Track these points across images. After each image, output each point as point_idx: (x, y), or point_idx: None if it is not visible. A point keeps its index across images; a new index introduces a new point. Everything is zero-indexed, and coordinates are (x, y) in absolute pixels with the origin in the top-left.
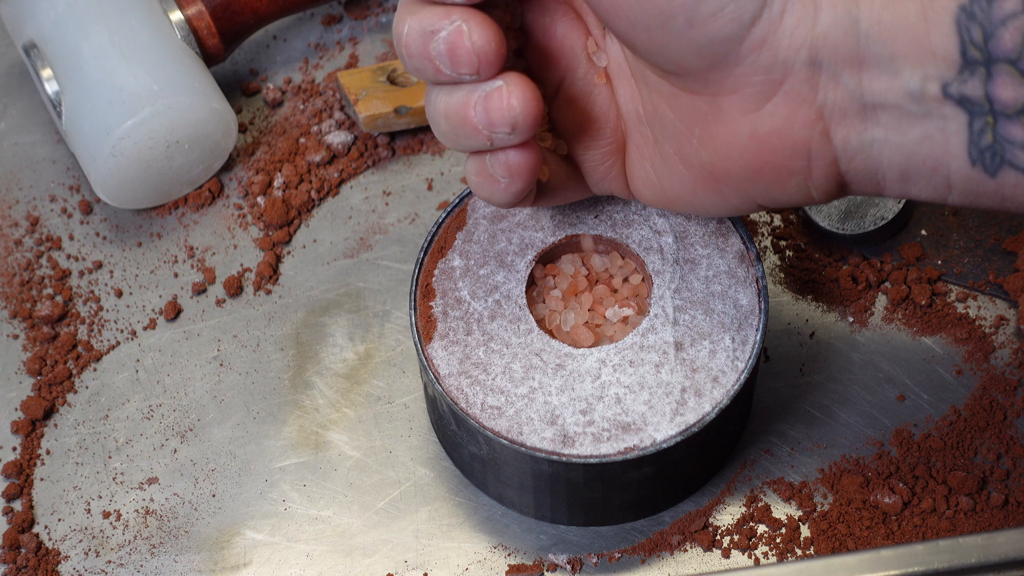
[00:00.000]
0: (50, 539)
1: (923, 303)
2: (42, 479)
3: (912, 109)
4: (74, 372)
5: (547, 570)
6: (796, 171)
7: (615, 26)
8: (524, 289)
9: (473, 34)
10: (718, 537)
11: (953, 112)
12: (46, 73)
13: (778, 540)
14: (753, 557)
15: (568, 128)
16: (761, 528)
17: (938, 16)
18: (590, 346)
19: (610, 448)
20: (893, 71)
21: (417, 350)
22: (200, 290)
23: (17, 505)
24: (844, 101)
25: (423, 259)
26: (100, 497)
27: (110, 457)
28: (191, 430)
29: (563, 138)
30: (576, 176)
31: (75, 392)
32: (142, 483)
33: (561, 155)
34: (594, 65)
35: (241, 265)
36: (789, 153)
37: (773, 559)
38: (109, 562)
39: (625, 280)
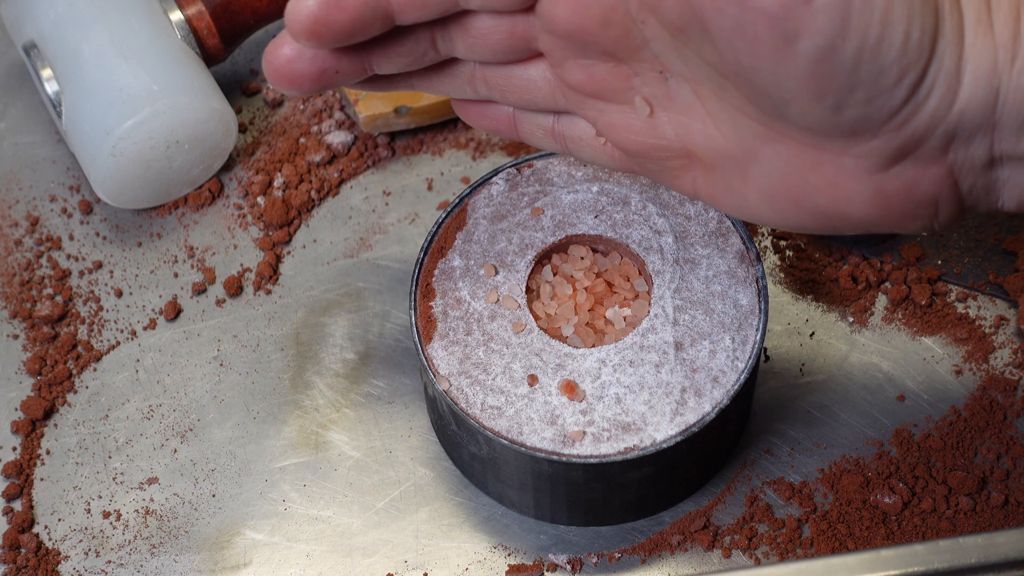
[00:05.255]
0: (50, 539)
1: (923, 303)
2: (42, 479)
3: None
4: (74, 372)
5: (547, 570)
6: (922, 216)
7: (760, 101)
8: (524, 289)
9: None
10: (718, 537)
11: None
12: (46, 73)
13: (778, 540)
14: (753, 557)
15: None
16: (761, 528)
17: None
18: (590, 346)
19: (610, 448)
20: (1022, 132)
21: (417, 350)
22: (200, 290)
23: (17, 505)
24: (974, 158)
25: (423, 259)
26: (100, 497)
27: (110, 457)
28: (191, 430)
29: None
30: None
31: (75, 392)
32: (142, 483)
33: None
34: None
35: (241, 265)
36: (916, 204)
37: (774, 559)
38: (109, 562)
39: (625, 280)
